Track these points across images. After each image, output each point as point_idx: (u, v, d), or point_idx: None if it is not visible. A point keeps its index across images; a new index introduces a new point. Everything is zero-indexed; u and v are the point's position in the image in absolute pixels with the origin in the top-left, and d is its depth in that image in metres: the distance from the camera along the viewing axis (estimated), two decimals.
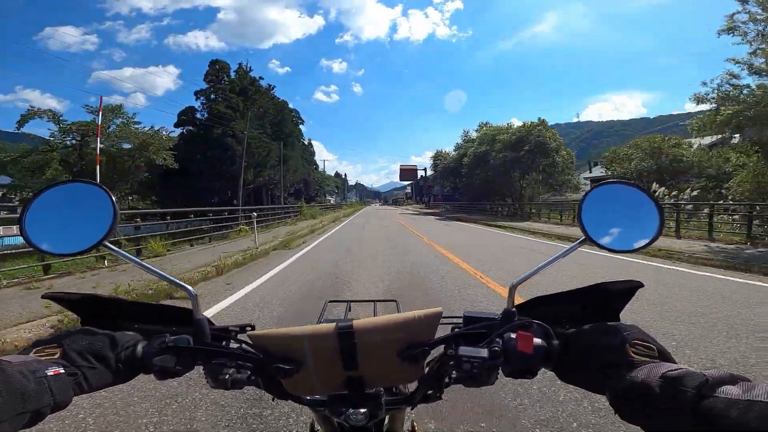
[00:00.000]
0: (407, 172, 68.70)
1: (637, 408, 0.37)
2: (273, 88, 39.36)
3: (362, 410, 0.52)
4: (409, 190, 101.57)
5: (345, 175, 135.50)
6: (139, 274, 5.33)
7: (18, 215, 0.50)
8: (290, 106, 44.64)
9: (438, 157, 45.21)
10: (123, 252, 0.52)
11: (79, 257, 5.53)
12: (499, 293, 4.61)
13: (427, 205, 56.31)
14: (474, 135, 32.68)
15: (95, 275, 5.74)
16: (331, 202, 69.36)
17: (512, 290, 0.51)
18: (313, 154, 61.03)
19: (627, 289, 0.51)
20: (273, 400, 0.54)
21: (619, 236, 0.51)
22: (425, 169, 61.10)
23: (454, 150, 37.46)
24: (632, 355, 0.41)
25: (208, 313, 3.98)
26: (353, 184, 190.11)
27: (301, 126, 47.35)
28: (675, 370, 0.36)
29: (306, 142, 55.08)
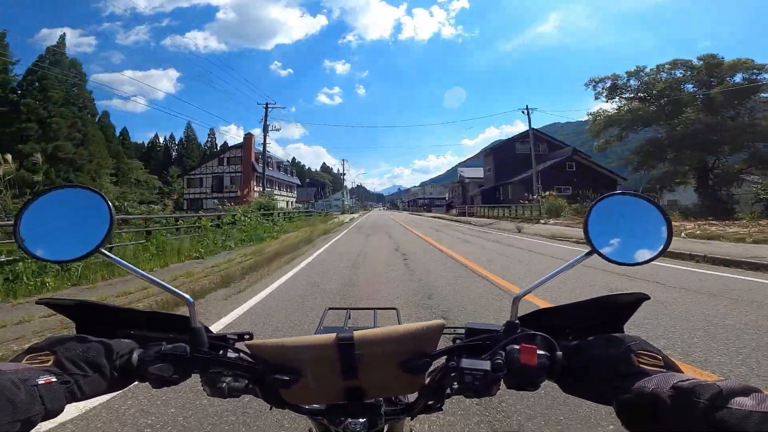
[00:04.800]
0: None
1: (646, 419, 0.37)
2: None
3: (361, 420, 0.51)
4: (474, 172, 48.72)
5: (339, 170, 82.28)
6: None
7: (12, 221, 0.49)
8: None
9: None
10: (119, 259, 0.51)
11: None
12: None
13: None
14: None
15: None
16: (277, 199, 30.31)
17: (515, 302, 0.51)
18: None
19: (632, 302, 0.50)
20: (270, 408, 0.54)
21: (626, 249, 0.51)
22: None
23: None
24: (639, 364, 0.41)
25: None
26: (354, 186, 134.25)
27: None
28: (687, 380, 0.36)
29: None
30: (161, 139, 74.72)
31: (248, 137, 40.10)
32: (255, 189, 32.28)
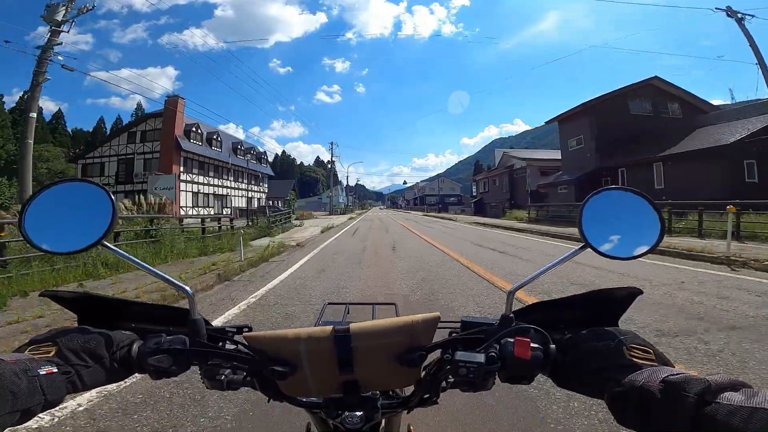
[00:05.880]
0: None
1: (636, 412, 0.37)
2: None
3: (358, 413, 0.51)
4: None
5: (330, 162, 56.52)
6: None
7: (17, 215, 0.50)
8: None
9: None
10: (121, 251, 0.52)
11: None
12: None
13: None
14: None
15: None
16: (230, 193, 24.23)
17: (510, 296, 0.51)
18: None
19: (626, 296, 0.50)
20: (268, 401, 0.54)
21: (620, 243, 0.51)
22: None
23: None
24: (630, 358, 0.41)
25: None
26: (349, 184, 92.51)
27: None
28: (676, 374, 0.36)
29: None
30: (107, 125, 61.13)
31: (173, 100, 23.88)
32: (182, 176, 20.85)
